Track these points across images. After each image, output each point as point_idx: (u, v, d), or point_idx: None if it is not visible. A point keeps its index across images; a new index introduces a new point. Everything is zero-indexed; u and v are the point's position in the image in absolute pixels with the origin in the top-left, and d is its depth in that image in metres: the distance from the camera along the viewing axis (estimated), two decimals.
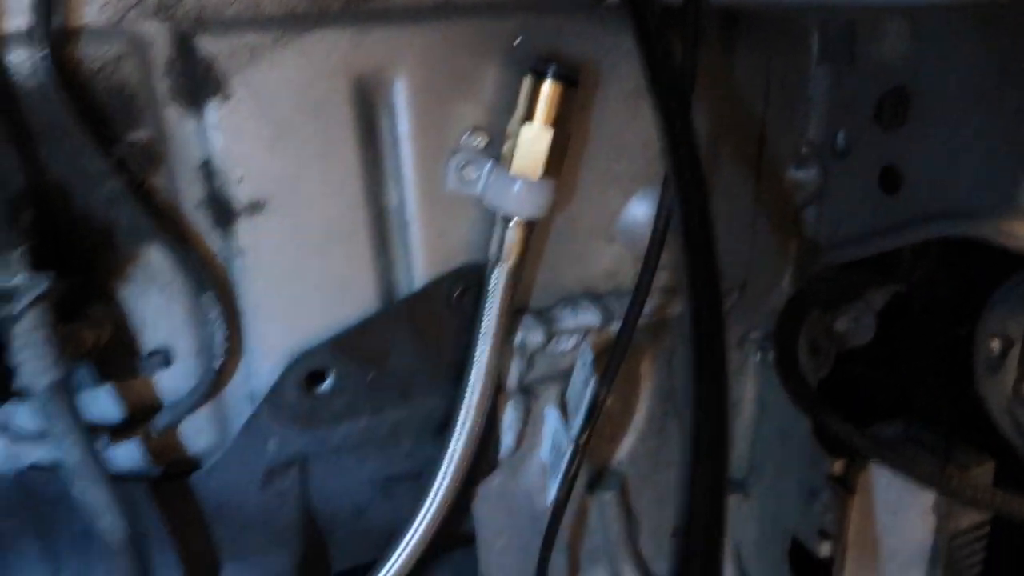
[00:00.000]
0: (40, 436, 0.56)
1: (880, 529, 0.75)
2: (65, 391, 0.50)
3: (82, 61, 0.50)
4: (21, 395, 0.51)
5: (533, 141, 0.60)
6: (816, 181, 0.73)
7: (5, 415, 0.56)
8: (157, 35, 0.52)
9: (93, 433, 0.55)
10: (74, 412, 0.50)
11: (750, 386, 0.85)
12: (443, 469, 0.68)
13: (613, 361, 0.67)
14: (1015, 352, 0.62)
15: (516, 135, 0.60)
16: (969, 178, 0.62)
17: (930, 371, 0.74)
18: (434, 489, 0.68)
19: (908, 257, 0.73)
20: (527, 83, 0.60)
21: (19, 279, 0.46)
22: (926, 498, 0.71)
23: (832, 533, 0.79)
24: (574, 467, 0.68)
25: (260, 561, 0.68)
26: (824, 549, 0.81)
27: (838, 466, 0.77)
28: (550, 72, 0.59)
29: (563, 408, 0.74)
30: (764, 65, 0.71)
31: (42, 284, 0.47)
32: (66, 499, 0.57)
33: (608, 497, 0.82)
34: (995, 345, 0.63)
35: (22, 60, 0.48)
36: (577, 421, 0.68)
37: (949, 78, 0.62)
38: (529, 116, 0.60)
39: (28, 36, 0.47)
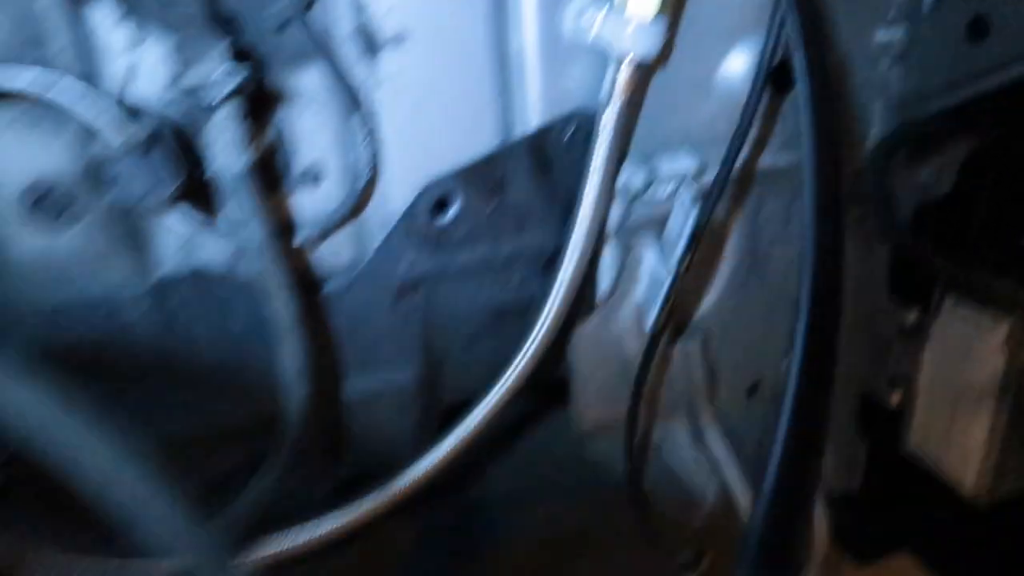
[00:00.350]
0: (218, 229, 0.63)
1: (951, 371, 0.80)
2: (251, 179, 0.57)
3: None
4: (204, 189, 0.59)
5: None
6: (902, 40, 0.78)
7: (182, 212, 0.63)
8: None
9: None
10: (259, 199, 0.58)
11: None
12: (549, 304, 0.74)
13: (710, 200, 0.74)
14: None
15: None
16: None
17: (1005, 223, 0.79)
18: (538, 324, 0.75)
19: (989, 110, 0.77)
20: None
21: (223, 70, 0.53)
22: (998, 333, 0.76)
23: (903, 383, 0.85)
24: (672, 295, 0.75)
25: (383, 375, 0.76)
26: (895, 399, 0.86)
27: (912, 316, 0.82)
28: None
29: (660, 249, 0.80)
30: None
31: (241, 75, 0.54)
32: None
33: (692, 347, 0.88)
34: None
35: None
36: (676, 253, 0.74)
37: None
38: None
39: None
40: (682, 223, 0.76)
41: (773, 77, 0.73)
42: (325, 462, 0.77)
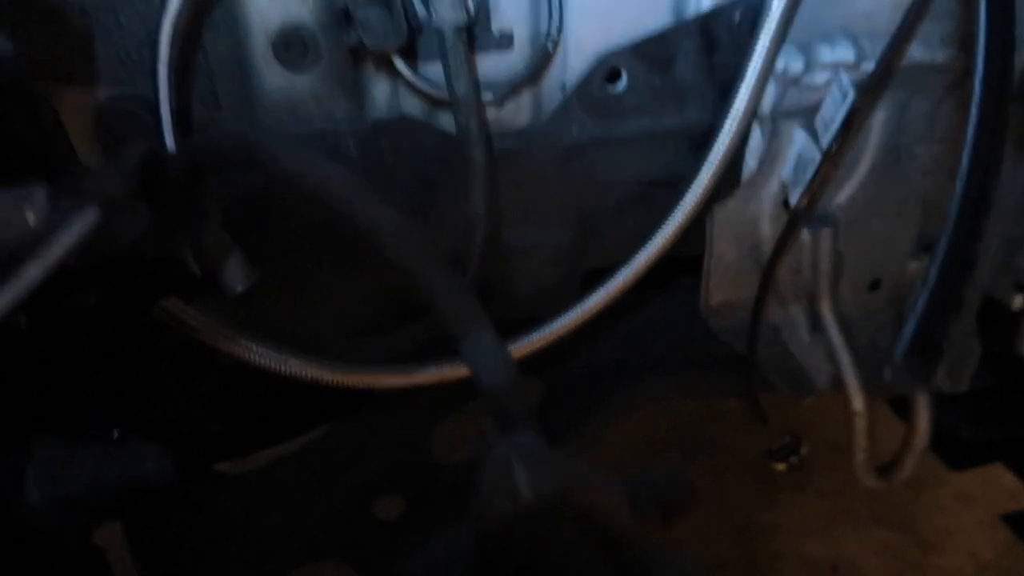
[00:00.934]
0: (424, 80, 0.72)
1: None
2: (464, 37, 0.66)
3: None
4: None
5: None
6: None
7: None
8: None
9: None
10: (468, 54, 0.67)
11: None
12: (698, 179, 0.81)
13: (866, 90, 0.78)
14: None
15: None
16: None
17: None
18: (686, 197, 0.82)
19: None
20: None
21: None
22: None
23: None
24: (820, 175, 0.80)
25: (542, 230, 0.86)
26: (1018, 303, 0.90)
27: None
28: None
29: (810, 133, 0.85)
30: None
31: None
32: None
33: (824, 234, 0.94)
34: None
35: None
36: (827, 137, 0.79)
37: None
38: None
39: None
40: (834, 110, 0.81)
41: None
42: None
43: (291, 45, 0.67)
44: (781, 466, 1.19)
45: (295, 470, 0.95)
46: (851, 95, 0.79)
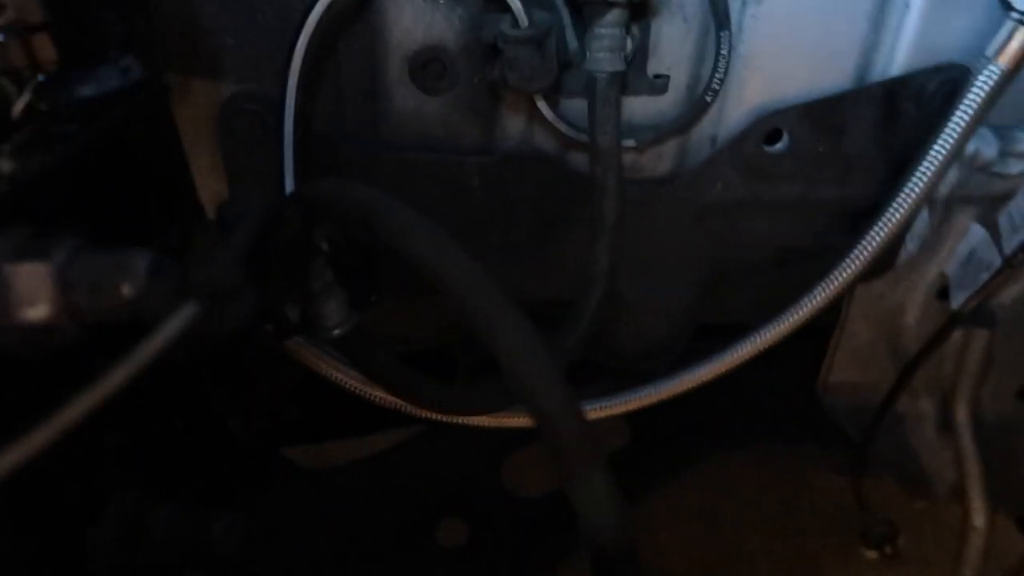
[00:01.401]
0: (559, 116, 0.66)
1: None
2: (618, 86, 0.59)
3: None
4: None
5: None
6: None
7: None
8: None
9: None
10: (618, 103, 0.60)
11: None
12: (852, 257, 0.72)
13: None
14: None
15: None
16: None
17: None
18: (836, 274, 0.73)
19: None
20: None
21: None
22: None
23: None
24: (995, 283, 0.70)
25: (663, 285, 0.79)
26: None
27: None
28: None
29: (991, 228, 0.75)
30: None
31: None
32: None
33: (982, 334, 0.83)
34: None
35: None
36: (1018, 237, 0.69)
37: None
38: None
39: None
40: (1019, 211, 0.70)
41: None
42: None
43: (428, 66, 0.62)
44: (873, 554, 1.10)
45: (366, 477, 0.93)
46: None
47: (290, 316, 0.47)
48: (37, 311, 0.33)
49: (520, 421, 0.79)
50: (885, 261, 0.78)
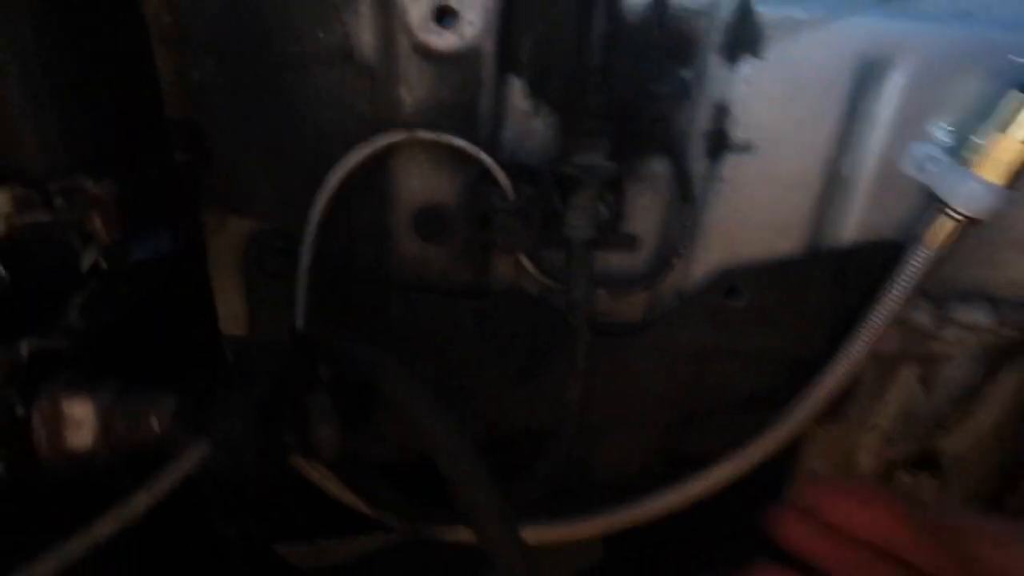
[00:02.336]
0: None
1: None
2: (591, 247, 0.68)
3: (672, 8, 0.66)
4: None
5: (1003, 151, 0.67)
6: None
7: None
8: (726, 0, 0.66)
9: None
10: (591, 264, 0.69)
11: None
12: (800, 406, 0.80)
13: (997, 363, 0.75)
14: None
15: (987, 141, 0.68)
16: None
17: None
18: (783, 421, 0.80)
19: None
20: (1013, 99, 0.67)
21: (601, 161, 0.64)
22: None
23: None
24: (928, 437, 0.77)
25: (634, 421, 0.86)
26: None
27: None
28: None
29: (925, 385, 0.82)
30: None
31: (610, 169, 0.64)
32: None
33: (928, 481, 0.89)
34: None
35: (635, 2, 0.65)
36: (947, 398, 0.76)
37: None
38: (1003, 128, 0.67)
39: None
40: (965, 374, 0.77)
41: None
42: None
43: (429, 221, 0.72)
44: None
45: None
46: (981, 363, 0.76)
47: (288, 441, 0.54)
48: (83, 439, 0.40)
49: None
50: (838, 408, 0.85)
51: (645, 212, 0.75)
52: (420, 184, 0.70)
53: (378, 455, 0.85)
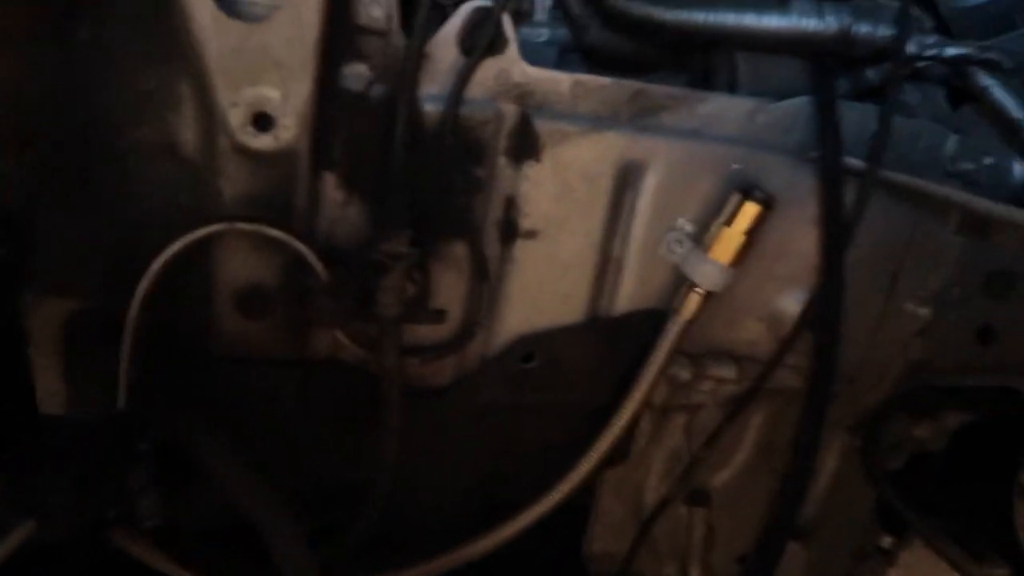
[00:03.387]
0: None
1: None
2: (399, 321, 0.77)
3: (467, 117, 0.78)
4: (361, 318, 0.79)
5: (729, 240, 0.84)
6: (928, 319, 0.94)
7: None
8: (510, 113, 0.79)
9: None
10: (399, 336, 0.78)
11: (831, 459, 1.06)
12: (594, 448, 0.92)
13: (739, 407, 0.91)
14: None
15: (718, 231, 0.84)
16: None
17: (981, 487, 0.93)
18: (584, 460, 0.92)
19: (986, 395, 0.92)
20: (735, 198, 0.84)
21: (406, 249, 0.74)
22: None
23: None
24: (688, 472, 0.92)
25: (446, 476, 0.95)
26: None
27: (887, 541, 0.97)
28: (754, 195, 0.83)
29: (686, 432, 0.97)
30: (911, 222, 0.92)
31: (413, 256, 0.75)
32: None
33: (700, 512, 1.04)
34: None
35: (433, 111, 0.77)
36: (697, 441, 0.91)
37: None
38: (729, 222, 0.84)
39: (440, 99, 0.76)
40: (710, 417, 0.93)
41: (808, 322, 0.90)
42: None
43: (251, 299, 0.78)
44: None
45: None
46: (722, 409, 0.92)
47: (108, 514, 0.58)
48: None
49: None
50: (623, 451, 0.98)
51: (450, 288, 0.85)
52: (241, 267, 0.77)
53: (205, 520, 0.88)
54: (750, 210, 0.83)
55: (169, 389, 0.80)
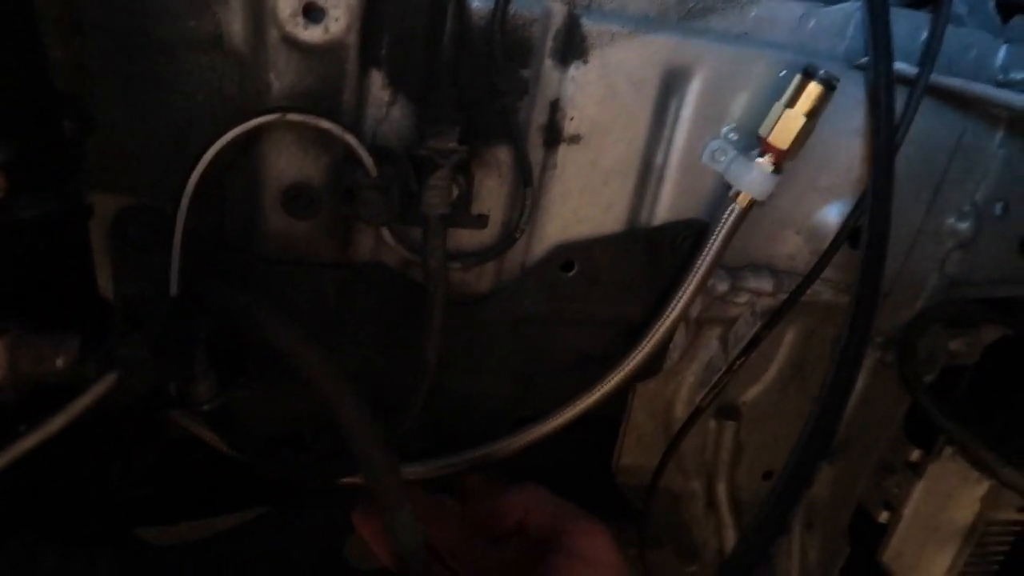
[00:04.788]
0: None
1: (934, 508, 0.96)
2: (446, 222, 0.78)
3: (515, 16, 0.77)
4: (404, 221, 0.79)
5: (789, 121, 0.80)
6: (968, 233, 0.94)
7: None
8: (558, 11, 0.78)
9: None
10: (445, 235, 0.78)
11: (862, 377, 1.07)
12: (627, 360, 0.93)
13: (775, 319, 0.92)
14: None
15: (779, 113, 0.81)
16: None
17: (1013, 399, 0.94)
18: (615, 372, 0.93)
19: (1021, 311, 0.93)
20: (797, 79, 0.81)
21: (453, 145, 0.74)
22: (979, 489, 0.92)
23: (895, 506, 1.01)
24: (721, 385, 0.93)
25: (486, 382, 0.96)
26: (883, 517, 1.03)
27: (915, 454, 0.98)
28: (818, 75, 0.80)
29: (722, 343, 0.98)
30: (959, 132, 0.92)
31: (461, 152, 0.74)
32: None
33: (728, 426, 1.06)
34: None
35: (481, 7, 0.76)
36: (737, 349, 0.92)
37: None
38: (792, 104, 0.81)
39: None
40: (746, 329, 0.94)
41: (850, 236, 0.90)
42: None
43: (297, 198, 0.78)
44: None
45: (214, 553, 1.01)
46: (758, 321, 0.92)
47: (171, 391, 0.59)
48: None
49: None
50: (655, 365, 0.99)
51: (491, 193, 0.85)
52: (288, 164, 0.77)
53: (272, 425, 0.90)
54: (813, 91, 0.79)
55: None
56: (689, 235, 0.91)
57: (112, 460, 0.73)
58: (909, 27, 0.86)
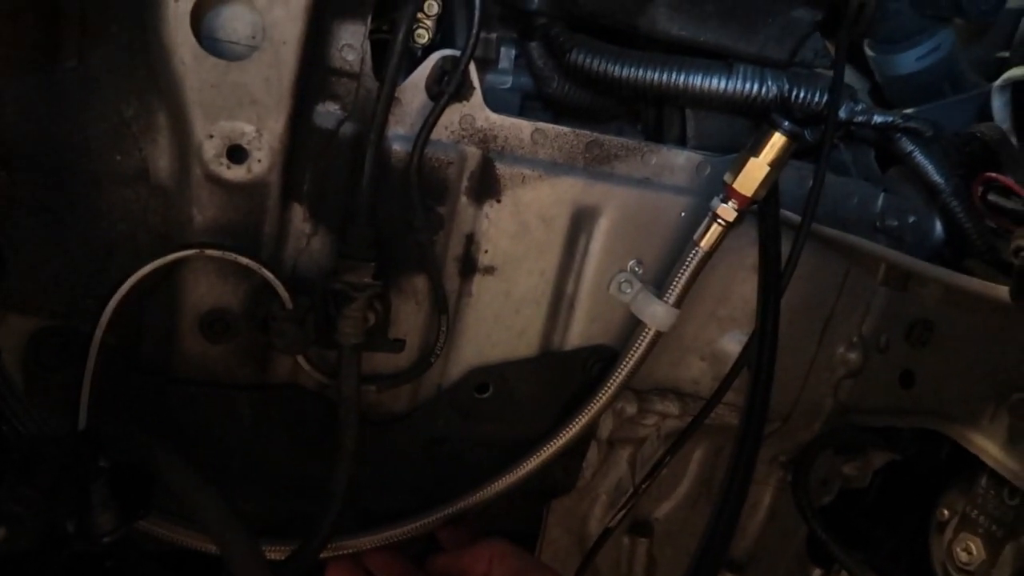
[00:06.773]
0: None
1: None
2: (360, 350, 0.80)
3: (432, 158, 0.82)
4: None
5: (754, 170, 0.83)
6: (857, 363, 1.01)
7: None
8: (472, 155, 0.84)
9: None
10: (359, 363, 0.81)
11: (768, 494, 1.12)
12: (509, 472, 0.95)
13: (680, 441, 0.96)
14: (954, 522, 0.88)
15: (744, 160, 0.83)
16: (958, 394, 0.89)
17: (902, 521, 0.99)
18: (495, 482, 0.95)
19: (908, 435, 0.99)
20: (763, 130, 0.83)
21: (366, 279, 0.77)
22: None
23: None
24: (631, 503, 0.96)
25: (399, 502, 0.97)
26: None
27: (817, 573, 1.02)
28: (783, 127, 0.82)
29: (631, 465, 1.02)
30: (843, 271, 0.99)
31: (375, 287, 0.78)
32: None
33: (643, 542, 1.08)
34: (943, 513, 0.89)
35: (400, 150, 0.81)
36: (644, 471, 0.96)
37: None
38: (756, 153, 0.83)
39: (407, 140, 0.80)
40: (652, 451, 0.98)
41: (746, 362, 0.96)
42: None
43: (215, 323, 0.80)
44: None
45: None
46: (664, 443, 0.96)
47: (68, 528, 0.59)
48: None
49: None
50: (567, 482, 1.02)
51: (408, 319, 0.89)
52: (207, 290, 0.79)
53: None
54: (778, 141, 0.83)
55: (128, 409, 0.81)
56: (599, 360, 0.96)
57: None
58: (796, 176, 0.94)
